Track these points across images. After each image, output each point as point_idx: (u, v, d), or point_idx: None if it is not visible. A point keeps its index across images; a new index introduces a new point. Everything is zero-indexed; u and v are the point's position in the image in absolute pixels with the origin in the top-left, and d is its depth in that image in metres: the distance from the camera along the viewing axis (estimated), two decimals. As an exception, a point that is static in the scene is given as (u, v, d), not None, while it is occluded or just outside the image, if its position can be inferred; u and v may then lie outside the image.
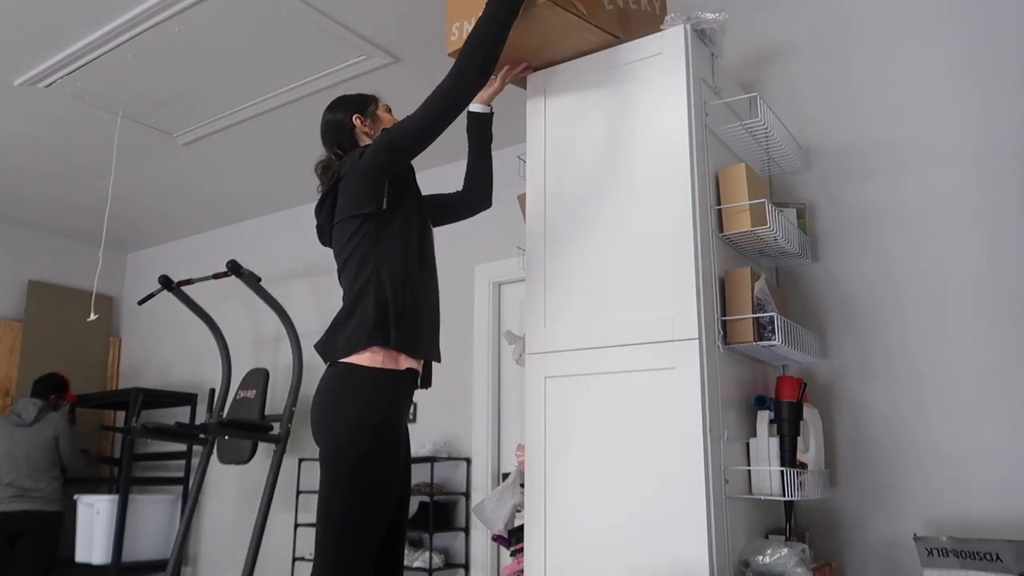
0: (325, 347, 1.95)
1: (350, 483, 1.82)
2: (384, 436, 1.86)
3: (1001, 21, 2.32)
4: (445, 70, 1.96)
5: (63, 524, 4.77)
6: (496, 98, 2.31)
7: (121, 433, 5.44)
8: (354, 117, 2.16)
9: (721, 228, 2.12)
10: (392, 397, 1.89)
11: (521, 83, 2.40)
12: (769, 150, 2.42)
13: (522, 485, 2.19)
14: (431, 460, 4.10)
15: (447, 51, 2.20)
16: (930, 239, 2.31)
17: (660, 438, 1.91)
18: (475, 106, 2.25)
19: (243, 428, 4.34)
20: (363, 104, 2.20)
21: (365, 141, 2.15)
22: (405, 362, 1.92)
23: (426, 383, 2.08)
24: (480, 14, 1.98)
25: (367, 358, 1.87)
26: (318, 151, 2.22)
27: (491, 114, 2.29)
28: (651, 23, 2.28)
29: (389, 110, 2.26)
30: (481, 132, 2.27)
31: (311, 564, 1.91)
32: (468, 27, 2.11)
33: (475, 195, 2.28)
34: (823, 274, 2.47)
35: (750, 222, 2.09)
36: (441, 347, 2.09)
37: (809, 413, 2.19)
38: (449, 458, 4.22)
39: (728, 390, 2.04)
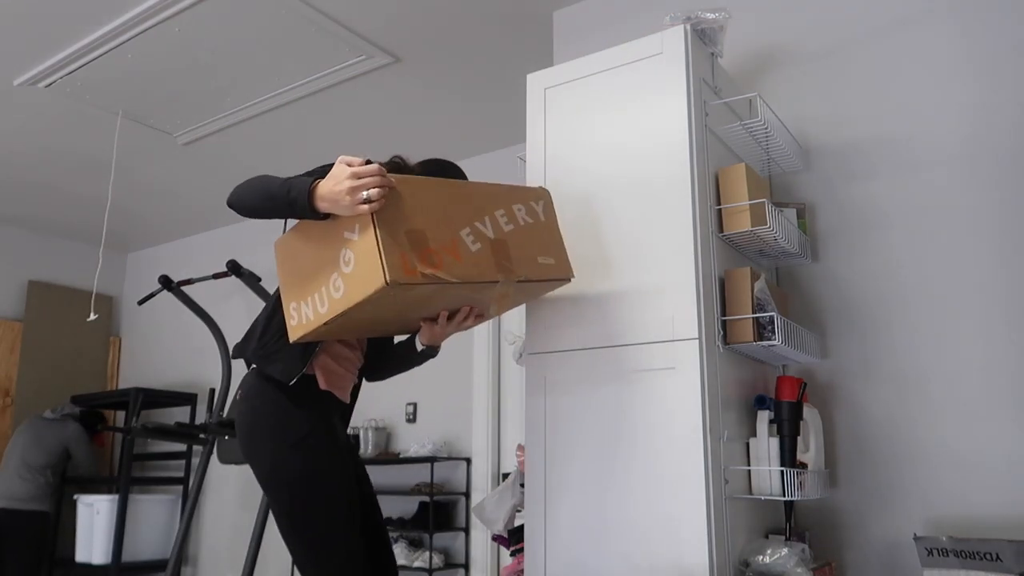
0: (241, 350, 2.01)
1: (292, 496, 1.84)
2: (311, 444, 1.86)
3: (1002, 20, 2.32)
4: (445, 70, 1.94)
5: (48, 524, 4.78)
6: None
7: (121, 433, 5.44)
8: None
9: (721, 228, 2.12)
10: (300, 402, 1.88)
11: None
12: (769, 150, 2.42)
13: (522, 485, 2.19)
14: (431, 460, 4.10)
15: (290, 337, 1.80)
16: (930, 239, 2.31)
17: (660, 438, 1.91)
18: (419, 343, 1.99)
19: (243, 428, 4.33)
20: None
21: None
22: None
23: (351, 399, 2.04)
24: (312, 295, 1.75)
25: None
26: (318, 151, 2.21)
27: (432, 352, 2.01)
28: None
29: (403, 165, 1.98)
30: (413, 358, 2.04)
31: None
32: (306, 309, 1.77)
33: (375, 370, 2.13)
34: (823, 274, 2.47)
35: (750, 222, 2.09)
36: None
37: (809, 413, 2.19)
38: (449, 458, 4.22)
39: (728, 390, 2.04)
